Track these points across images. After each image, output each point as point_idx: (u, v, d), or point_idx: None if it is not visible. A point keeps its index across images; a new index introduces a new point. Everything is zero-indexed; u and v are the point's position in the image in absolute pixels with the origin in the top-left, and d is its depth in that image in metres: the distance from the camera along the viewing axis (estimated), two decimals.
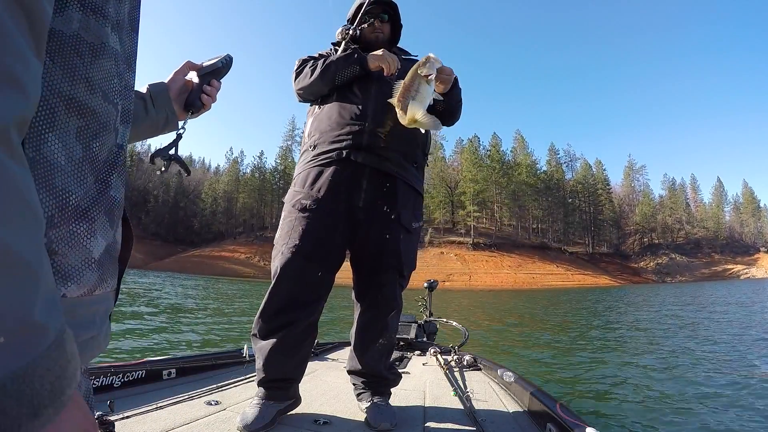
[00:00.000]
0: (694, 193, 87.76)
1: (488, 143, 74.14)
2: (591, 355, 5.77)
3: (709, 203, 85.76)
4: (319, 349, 2.74)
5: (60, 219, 0.37)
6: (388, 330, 1.59)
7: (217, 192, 79.26)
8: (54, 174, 0.36)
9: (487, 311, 13.74)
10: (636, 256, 76.89)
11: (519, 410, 1.68)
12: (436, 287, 3.71)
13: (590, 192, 78.29)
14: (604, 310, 13.96)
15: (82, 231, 0.39)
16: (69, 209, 0.37)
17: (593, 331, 8.59)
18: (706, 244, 78.35)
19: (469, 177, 68.09)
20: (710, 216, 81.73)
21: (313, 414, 1.52)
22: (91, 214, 0.40)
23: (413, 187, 1.63)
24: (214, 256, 64.16)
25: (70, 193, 0.37)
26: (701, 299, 18.30)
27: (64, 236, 0.37)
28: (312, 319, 1.50)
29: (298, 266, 1.45)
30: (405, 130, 1.44)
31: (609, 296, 24.32)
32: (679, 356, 5.57)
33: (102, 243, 0.42)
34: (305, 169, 1.58)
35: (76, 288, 0.38)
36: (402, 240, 1.55)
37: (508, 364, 2.39)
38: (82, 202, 0.39)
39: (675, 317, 10.89)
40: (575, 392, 3.91)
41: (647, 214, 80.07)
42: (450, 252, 62.98)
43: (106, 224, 0.42)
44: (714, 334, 7.51)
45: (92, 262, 0.40)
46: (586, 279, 59.40)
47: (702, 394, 3.78)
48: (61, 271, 0.37)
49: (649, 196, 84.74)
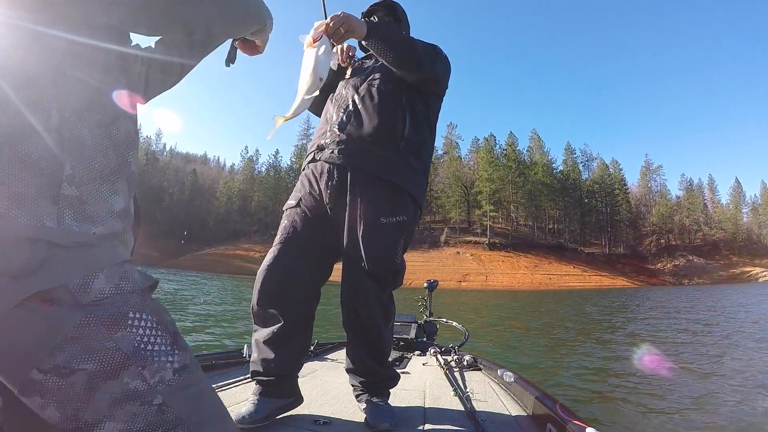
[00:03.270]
0: (712, 193, 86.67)
1: (504, 142, 73.76)
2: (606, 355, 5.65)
3: (727, 204, 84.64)
4: (319, 349, 2.71)
5: (87, 179, 0.55)
6: (373, 329, 1.53)
7: (232, 190, 79.63)
8: (82, 148, 0.55)
9: (523, 319, 12.65)
10: (653, 258, 75.96)
11: (519, 410, 1.67)
12: (436, 287, 3.71)
13: (607, 192, 77.52)
14: (645, 316, 13.55)
15: (105, 190, 0.57)
16: (94, 174, 0.56)
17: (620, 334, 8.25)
18: (724, 246, 77.23)
19: (485, 176, 67.64)
20: (728, 217, 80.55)
21: (313, 414, 1.52)
22: (113, 178, 0.58)
23: (385, 179, 1.51)
24: (228, 254, 64.36)
25: (94, 161, 0.56)
26: (727, 305, 17.63)
27: (91, 192, 0.55)
28: (300, 315, 1.50)
29: (279, 261, 1.49)
30: (369, 120, 1.50)
31: (634, 298, 23.67)
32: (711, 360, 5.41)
33: (121, 200, 0.59)
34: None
35: (104, 229, 0.56)
36: (364, 236, 1.47)
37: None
38: (105, 170, 0.57)
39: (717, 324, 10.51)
40: (576, 393, 3.90)
41: (664, 214, 79.13)
42: (466, 252, 62.61)
43: (124, 187, 0.60)
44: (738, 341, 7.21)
45: (114, 213, 0.58)
46: (603, 280, 58.73)
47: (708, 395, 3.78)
48: (90, 217, 0.55)
49: (666, 196, 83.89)
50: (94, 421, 0.51)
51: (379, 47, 1.45)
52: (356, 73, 1.66)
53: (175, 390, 0.56)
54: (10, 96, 0.50)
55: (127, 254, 0.60)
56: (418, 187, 1.59)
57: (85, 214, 0.54)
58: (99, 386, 0.52)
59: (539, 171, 70.84)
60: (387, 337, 1.60)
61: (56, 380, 0.50)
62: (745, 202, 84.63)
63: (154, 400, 0.54)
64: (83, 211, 0.54)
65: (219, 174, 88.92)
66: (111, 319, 0.54)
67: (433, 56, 1.55)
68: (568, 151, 79.68)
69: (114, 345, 0.53)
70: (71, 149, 0.54)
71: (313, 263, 1.54)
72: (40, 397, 0.51)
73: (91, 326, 0.52)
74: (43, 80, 0.53)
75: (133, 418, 0.53)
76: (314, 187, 1.55)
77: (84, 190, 0.54)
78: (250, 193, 77.89)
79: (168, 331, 0.59)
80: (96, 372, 0.52)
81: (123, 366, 0.53)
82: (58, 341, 0.51)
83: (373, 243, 1.47)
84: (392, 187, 1.52)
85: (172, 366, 0.57)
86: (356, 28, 1.38)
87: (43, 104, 0.52)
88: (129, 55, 0.66)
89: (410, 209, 1.57)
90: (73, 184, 0.53)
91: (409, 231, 1.59)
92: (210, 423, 0.58)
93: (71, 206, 0.53)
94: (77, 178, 0.54)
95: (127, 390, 0.53)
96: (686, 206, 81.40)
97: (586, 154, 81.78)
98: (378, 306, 1.52)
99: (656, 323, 10.28)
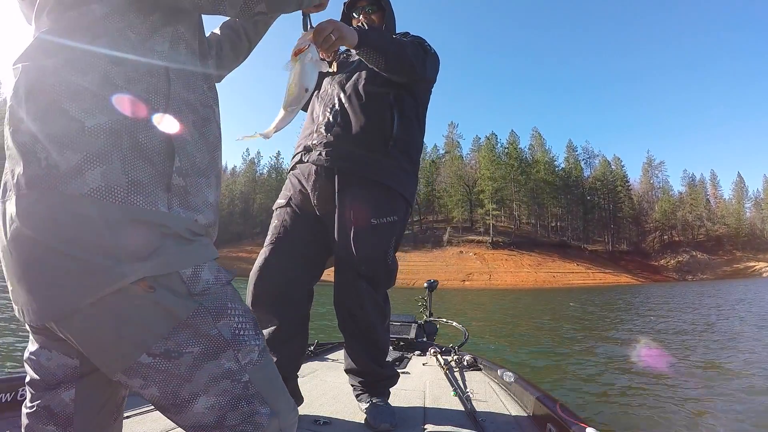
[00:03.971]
0: (714, 189, 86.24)
1: (506, 141, 73.62)
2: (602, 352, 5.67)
3: (730, 199, 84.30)
4: (319, 349, 2.72)
5: (191, 172, 0.61)
6: (370, 330, 1.54)
7: (234, 193, 79.57)
8: (185, 146, 0.61)
9: (534, 318, 12.44)
10: (656, 254, 75.71)
11: (519, 410, 1.67)
12: (436, 287, 3.71)
13: (609, 189, 77.26)
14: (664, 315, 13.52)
15: (203, 183, 0.64)
16: (195, 168, 0.62)
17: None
18: (727, 241, 76.94)
19: (488, 175, 67.40)
20: (731, 212, 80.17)
21: (313, 414, 1.52)
22: (208, 174, 0.65)
23: (375, 181, 1.51)
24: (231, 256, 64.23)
25: (195, 157, 0.63)
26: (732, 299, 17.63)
27: (193, 184, 0.61)
28: (295, 314, 1.50)
29: (271, 262, 1.48)
30: (356, 121, 1.47)
31: (638, 296, 23.52)
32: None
33: (213, 195, 0.66)
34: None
35: (203, 218, 0.63)
36: (356, 238, 1.47)
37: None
38: (202, 165, 0.64)
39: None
40: (578, 393, 3.89)
41: (667, 211, 78.81)
42: (469, 251, 62.48)
43: (215, 183, 0.67)
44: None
45: (209, 204, 0.65)
46: (607, 277, 58.59)
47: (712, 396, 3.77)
48: (192, 206, 0.61)
49: (669, 192, 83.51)
50: (190, 397, 0.57)
51: (371, 56, 1.40)
52: (342, 69, 1.60)
53: (258, 368, 0.63)
54: (127, 87, 0.56)
55: (215, 251, 0.65)
56: (409, 186, 1.59)
57: (189, 203, 0.60)
58: (201, 365, 0.57)
59: (541, 169, 70.58)
60: (384, 336, 1.60)
61: (165, 362, 0.55)
62: (747, 197, 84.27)
63: (242, 378, 0.61)
64: (187, 200, 0.60)
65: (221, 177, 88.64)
66: (216, 309, 0.59)
67: (423, 58, 1.51)
68: (570, 148, 79.47)
69: (217, 332, 0.59)
70: (178, 144, 0.60)
71: (305, 262, 1.53)
72: (142, 379, 0.56)
73: (201, 315, 0.58)
74: (155, 77, 0.59)
75: (224, 393, 0.59)
76: (303, 187, 1.55)
77: (189, 181, 0.60)
78: (252, 195, 77.92)
79: (251, 318, 0.65)
80: (200, 353, 0.57)
81: (223, 350, 0.59)
82: (171, 328, 0.55)
83: (365, 244, 1.46)
84: (382, 188, 1.51)
85: (258, 348, 0.64)
86: (347, 35, 1.29)
87: (153, 103, 0.58)
88: (206, 48, 0.73)
89: (401, 209, 1.57)
90: (180, 175, 0.59)
91: (401, 230, 1.58)
92: (279, 395, 0.66)
93: (179, 195, 0.59)
94: (184, 170, 0.60)
95: (223, 370, 0.59)
96: (689, 202, 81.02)
97: (587, 152, 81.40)
98: (373, 306, 1.52)
99: (659, 320, 10.23)
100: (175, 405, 0.57)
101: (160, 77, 0.60)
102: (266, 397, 0.63)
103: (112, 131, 0.54)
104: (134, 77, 0.58)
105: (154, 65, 0.60)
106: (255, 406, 0.61)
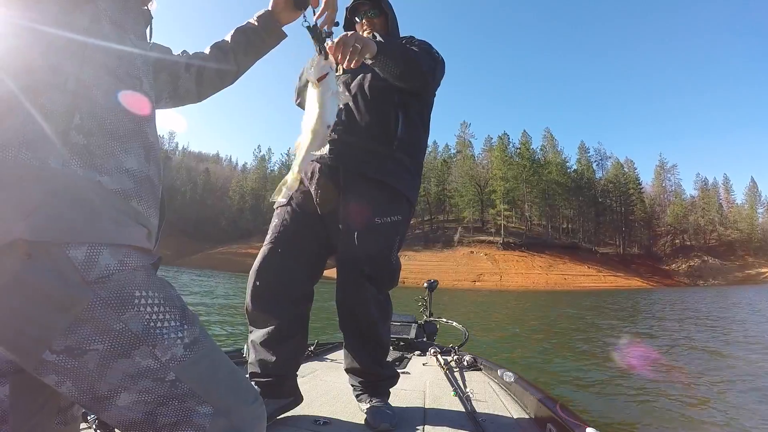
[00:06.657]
0: (727, 193, 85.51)
1: (518, 141, 73.34)
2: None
3: (743, 204, 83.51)
4: (319, 349, 2.72)
5: (96, 132, 0.58)
6: (371, 329, 1.54)
7: (245, 189, 80.00)
8: (94, 107, 0.57)
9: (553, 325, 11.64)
10: (667, 258, 75.12)
11: (519, 411, 1.68)
12: (436, 287, 3.73)
13: (621, 191, 76.77)
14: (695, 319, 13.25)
15: (116, 147, 0.60)
16: (104, 130, 0.59)
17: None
18: (740, 247, 76.21)
19: (499, 175, 67.23)
20: (744, 217, 79.41)
21: (313, 414, 1.53)
22: (126, 140, 0.62)
23: (379, 180, 1.51)
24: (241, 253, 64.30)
25: (105, 119, 0.59)
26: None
27: (99, 145, 0.58)
28: (295, 313, 1.51)
29: (270, 261, 1.49)
30: (361, 120, 1.49)
31: (649, 299, 23.21)
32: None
33: (135, 162, 0.62)
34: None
35: (111, 181, 0.58)
36: (360, 238, 1.47)
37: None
38: (117, 130, 0.60)
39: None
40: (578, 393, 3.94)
41: (679, 214, 78.21)
42: (480, 251, 62.28)
43: (140, 153, 0.64)
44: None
45: (124, 169, 0.60)
46: (618, 281, 58.18)
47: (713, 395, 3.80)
48: (97, 166, 0.57)
49: (681, 196, 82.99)
50: (109, 394, 0.53)
51: (387, 65, 1.39)
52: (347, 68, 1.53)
53: (187, 365, 0.56)
54: (36, 60, 0.54)
55: (141, 240, 0.59)
56: (412, 186, 1.61)
57: (92, 163, 0.55)
58: (111, 365, 0.52)
59: (553, 170, 70.27)
60: (385, 336, 1.60)
61: (69, 360, 0.51)
62: (760, 202, 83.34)
63: (166, 377, 0.54)
64: (91, 161, 0.55)
65: (231, 173, 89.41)
66: (118, 300, 0.53)
67: (433, 66, 1.53)
68: (582, 149, 79.11)
69: (123, 326, 0.52)
70: (82, 105, 0.56)
71: (305, 261, 1.53)
72: (55, 375, 0.52)
73: (100, 308, 0.52)
74: (67, 53, 0.57)
75: (147, 391, 0.54)
76: (305, 185, 1.54)
77: (92, 140, 0.56)
78: (262, 192, 77.86)
79: (175, 306, 0.59)
80: (107, 351, 0.52)
81: (134, 346, 0.53)
82: (69, 322, 0.50)
83: (368, 244, 1.47)
84: (386, 187, 1.51)
85: (182, 342, 0.57)
86: (369, 45, 1.27)
87: (63, 70, 0.56)
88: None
89: (404, 209, 1.58)
90: (81, 133, 0.55)
91: (404, 231, 1.60)
92: (224, 391, 0.59)
93: (79, 154, 0.55)
94: (86, 128, 0.56)
95: (139, 368, 0.53)
96: (701, 206, 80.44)
97: (600, 153, 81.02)
98: (376, 306, 1.52)
99: (674, 326, 10.13)
100: (95, 402, 0.53)
101: (73, 44, 0.58)
102: (204, 395, 0.56)
103: (12, 95, 0.52)
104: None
105: (71, 38, 0.58)
106: (190, 405, 0.55)
